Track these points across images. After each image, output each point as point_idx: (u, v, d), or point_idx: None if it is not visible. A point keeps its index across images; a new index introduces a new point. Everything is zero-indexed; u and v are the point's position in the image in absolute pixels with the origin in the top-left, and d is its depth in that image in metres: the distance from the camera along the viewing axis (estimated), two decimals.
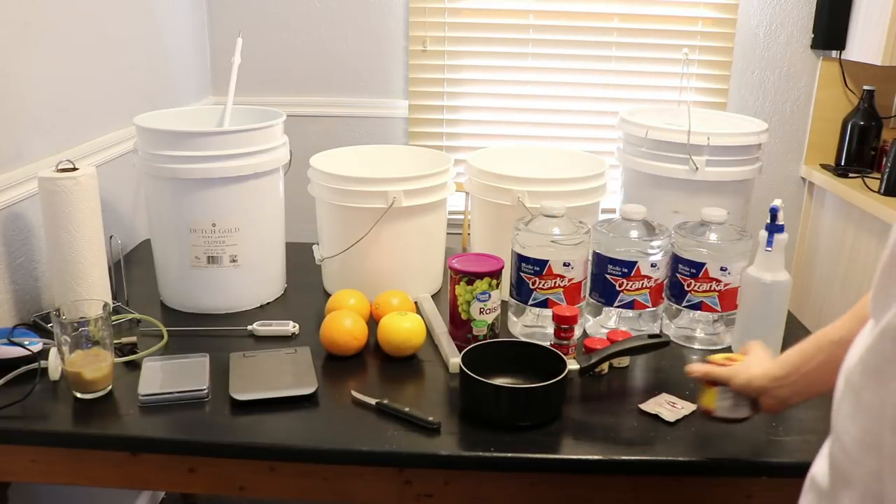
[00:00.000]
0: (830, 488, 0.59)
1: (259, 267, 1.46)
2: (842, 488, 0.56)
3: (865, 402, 0.53)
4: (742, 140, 1.61)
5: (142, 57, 1.89)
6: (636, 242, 1.30)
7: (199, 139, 1.35)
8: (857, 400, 0.54)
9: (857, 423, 0.54)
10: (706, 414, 1.03)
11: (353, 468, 1.07)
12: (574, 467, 1.04)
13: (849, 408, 0.55)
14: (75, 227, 1.29)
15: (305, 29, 2.35)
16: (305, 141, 2.24)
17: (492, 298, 1.27)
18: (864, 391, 0.53)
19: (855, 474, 0.54)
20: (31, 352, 1.17)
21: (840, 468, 0.57)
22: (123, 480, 1.11)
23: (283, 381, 1.16)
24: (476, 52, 2.35)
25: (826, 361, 0.88)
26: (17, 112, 1.38)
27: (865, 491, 0.53)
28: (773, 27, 2.32)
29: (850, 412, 0.55)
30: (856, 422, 0.54)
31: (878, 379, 0.51)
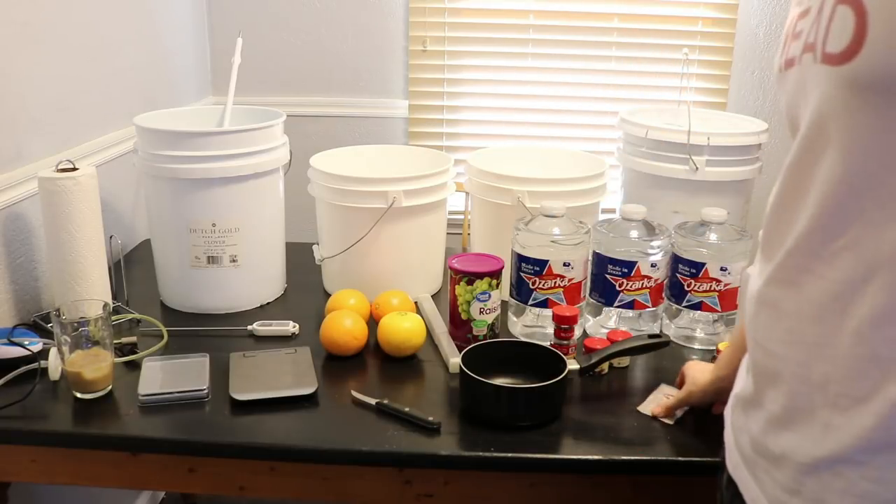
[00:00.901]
0: (755, 393, 0.71)
1: (259, 267, 1.46)
2: (768, 388, 0.68)
3: (784, 309, 0.65)
4: (742, 140, 1.61)
5: (142, 57, 1.89)
6: (636, 242, 1.30)
7: (199, 139, 1.35)
8: (775, 310, 0.66)
9: (779, 326, 0.66)
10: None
11: (353, 468, 1.07)
12: (574, 467, 1.04)
13: (767, 319, 0.68)
14: (75, 227, 1.29)
15: (305, 29, 2.35)
16: (305, 141, 2.23)
17: (492, 298, 1.27)
18: (781, 301, 0.66)
19: (782, 370, 0.65)
20: (31, 352, 1.17)
21: (766, 372, 0.68)
22: (123, 480, 1.11)
23: (283, 381, 1.16)
24: (476, 52, 2.35)
25: None
26: (17, 112, 1.38)
27: (793, 379, 0.64)
28: (773, 27, 2.32)
29: (770, 321, 0.67)
30: (778, 326, 0.66)
31: (793, 287, 0.64)
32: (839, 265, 0.60)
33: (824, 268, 0.61)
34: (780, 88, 0.70)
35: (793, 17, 0.67)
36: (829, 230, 0.61)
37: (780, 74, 0.69)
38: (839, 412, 0.60)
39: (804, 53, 0.63)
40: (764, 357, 0.69)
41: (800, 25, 0.65)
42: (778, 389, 0.66)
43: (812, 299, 0.62)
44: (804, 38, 0.63)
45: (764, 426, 0.68)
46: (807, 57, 0.62)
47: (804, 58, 0.63)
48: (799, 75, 0.64)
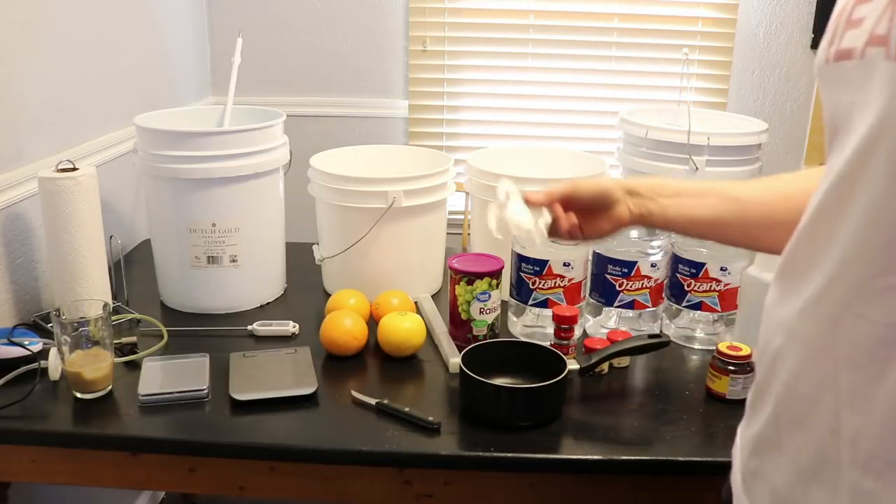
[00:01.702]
0: (776, 436, 0.61)
1: (259, 267, 1.46)
2: (794, 433, 0.59)
3: (817, 348, 0.56)
4: (742, 140, 1.61)
5: (142, 57, 1.89)
6: (636, 242, 1.30)
7: (199, 139, 1.35)
8: (806, 347, 0.58)
9: (810, 366, 0.57)
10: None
11: (353, 468, 1.07)
12: (574, 467, 1.04)
13: (796, 355, 0.59)
14: (75, 227, 1.29)
15: (305, 29, 2.35)
16: (305, 141, 2.23)
17: (492, 298, 1.27)
18: (814, 339, 0.57)
19: (811, 415, 0.57)
20: (31, 352, 1.17)
21: (791, 414, 0.59)
22: (123, 480, 1.11)
23: (283, 381, 1.16)
24: (476, 52, 2.35)
25: (714, 206, 0.92)
26: (17, 112, 1.38)
27: (822, 428, 0.56)
28: (773, 27, 2.32)
29: (799, 359, 0.59)
30: (809, 366, 0.57)
31: (830, 327, 0.55)
32: (888, 305, 0.51)
33: (869, 307, 0.52)
34: (825, 83, 0.60)
35: (849, 2, 0.57)
36: (879, 262, 0.51)
37: (827, 67, 0.58)
38: (872, 476, 0.52)
39: (868, 46, 0.53)
40: (790, 398, 0.60)
41: (860, 11, 0.55)
42: (805, 436, 0.58)
43: (851, 342, 0.53)
44: (868, 28, 0.53)
45: (791, 478, 0.59)
46: (874, 51, 0.53)
47: (869, 52, 0.53)
48: (859, 72, 0.54)
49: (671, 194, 0.96)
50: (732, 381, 1.13)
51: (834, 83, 0.58)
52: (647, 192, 0.97)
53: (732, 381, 1.13)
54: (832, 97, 0.59)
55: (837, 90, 0.58)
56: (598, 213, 1.01)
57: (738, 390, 1.13)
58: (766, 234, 0.88)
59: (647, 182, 0.99)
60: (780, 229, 0.83)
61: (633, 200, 0.98)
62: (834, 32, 0.58)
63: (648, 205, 0.97)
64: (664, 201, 0.96)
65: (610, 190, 0.99)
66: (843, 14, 0.57)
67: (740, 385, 1.13)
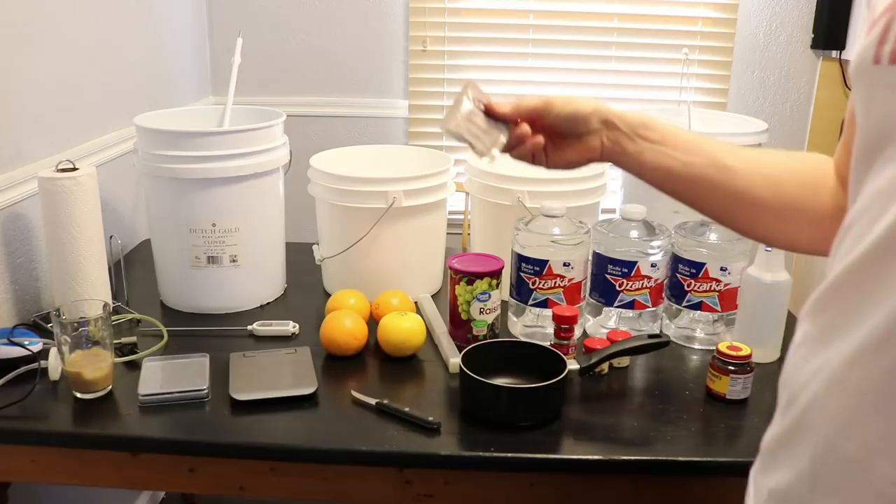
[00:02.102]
0: (810, 497, 0.53)
1: (259, 267, 1.46)
2: (831, 497, 0.51)
3: (872, 405, 0.48)
4: (742, 140, 1.61)
5: (142, 57, 1.89)
6: (636, 242, 1.30)
7: (199, 139, 1.35)
8: (857, 403, 0.49)
9: (862, 426, 0.49)
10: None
11: (353, 468, 1.07)
12: (574, 467, 1.04)
13: (844, 412, 0.50)
14: (75, 227, 1.29)
15: (305, 29, 2.35)
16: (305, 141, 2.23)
17: (492, 298, 1.27)
18: (869, 394, 0.48)
19: (859, 480, 0.49)
20: (31, 352, 1.17)
21: (832, 476, 0.51)
22: (123, 480, 1.11)
23: (283, 381, 1.16)
24: (476, 52, 2.35)
25: (698, 167, 0.83)
26: (17, 112, 1.38)
27: (874, 495, 0.48)
28: (773, 27, 2.32)
29: (849, 415, 0.49)
30: (860, 425, 0.49)
31: (893, 381, 0.47)
32: None
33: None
34: (874, 86, 0.52)
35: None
36: None
37: (878, 68, 0.51)
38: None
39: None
40: (831, 457, 0.51)
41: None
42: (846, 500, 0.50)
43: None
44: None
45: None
46: None
47: None
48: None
49: (654, 139, 0.86)
50: (732, 381, 1.13)
51: (887, 87, 0.51)
52: (626, 128, 0.87)
53: (732, 381, 1.13)
54: (886, 102, 0.51)
55: (891, 94, 0.51)
56: (568, 139, 0.91)
57: (738, 390, 1.13)
58: (745, 212, 0.82)
59: (630, 116, 0.88)
60: (761, 211, 0.80)
61: (609, 133, 0.88)
62: (884, 29, 0.50)
63: (624, 143, 0.87)
64: (643, 144, 0.86)
65: (585, 116, 0.88)
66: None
67: (740, 385, 1.13)
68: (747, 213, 0.81)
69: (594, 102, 0.89)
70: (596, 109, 0.89)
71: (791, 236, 0.82)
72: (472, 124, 0.92)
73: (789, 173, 0.81)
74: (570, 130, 0.90)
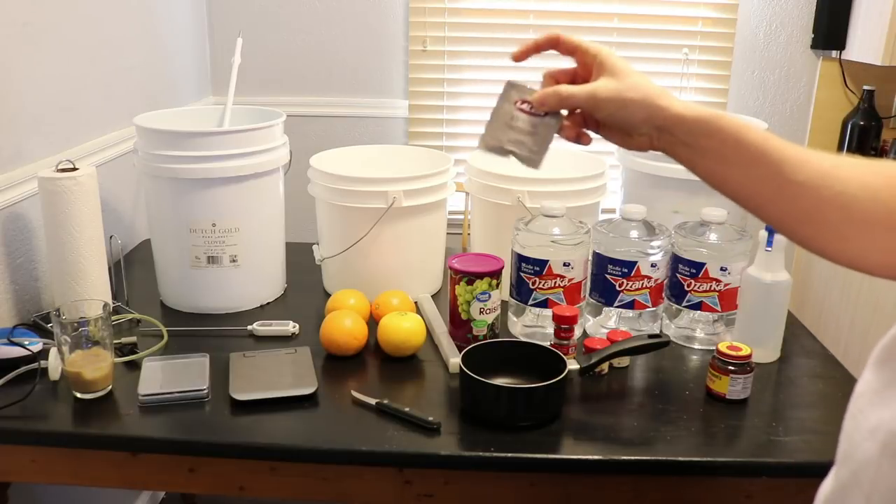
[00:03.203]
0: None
1: (259, 267, 1.46)
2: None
3: None
4: None
5: (142, 57, 1.89)
6: (636, 242, 1.30)
7: (199, 139, 1.35)
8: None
9: None
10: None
11: (353, 468, 1.07)
12: (574, 467, 1.04)
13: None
14: (75, 227, 1.29)
15: (305, 29, 2.35)
16: (305, 141, 2.24)
17: (492, 298, 1.27)
18: None
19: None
20: (31, 352, 1.17)
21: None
22: (123, 480, 1.11)
23: (283, 381, 1.16)
24: (476, 52, 2.35)
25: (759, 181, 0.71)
26: (17, 112, 1.38)
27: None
28: (773, 27, 2.32)
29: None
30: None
31: None
32: None
33: None
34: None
35: None
36: None
37: None
38: None
39: None
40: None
41: None
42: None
43: None
44: None
45: None
46: None
47: None
48: None
49: (713, 147, 0.74)
50: (732, 381, 1.13)
51: None
52: (684, 135, 0.76)
53: (732, 381, 1.13)
54: None
55: None
56: (616, 132, 0.84)
57: (738, 390, 1.13)
58: (811, 230, 0.69)
59: (691, 120, 0.76)
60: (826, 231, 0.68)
61: (662, 137, 0.79)
62: None
63: (678, 149, 0.78)
64: (698, 152, 0.76)
65: (635, 125, 0.79)
66: None
67: (740, 385, 1.13)
68: (808, 230, 0.71)
69: (648, 105, 0.76)
70: (649, 117, 0.77)
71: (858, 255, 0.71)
72: (513, 130, 0.85)
73: (863, 191, 0.67)
74: (618, 129, 0.82)
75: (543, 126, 0.86)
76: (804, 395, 1.19)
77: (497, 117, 0.87)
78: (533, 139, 0.86)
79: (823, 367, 1.26)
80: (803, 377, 1.24)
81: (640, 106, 0.76)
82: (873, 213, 0.65)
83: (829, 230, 0.67)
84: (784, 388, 1.21)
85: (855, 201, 0.66)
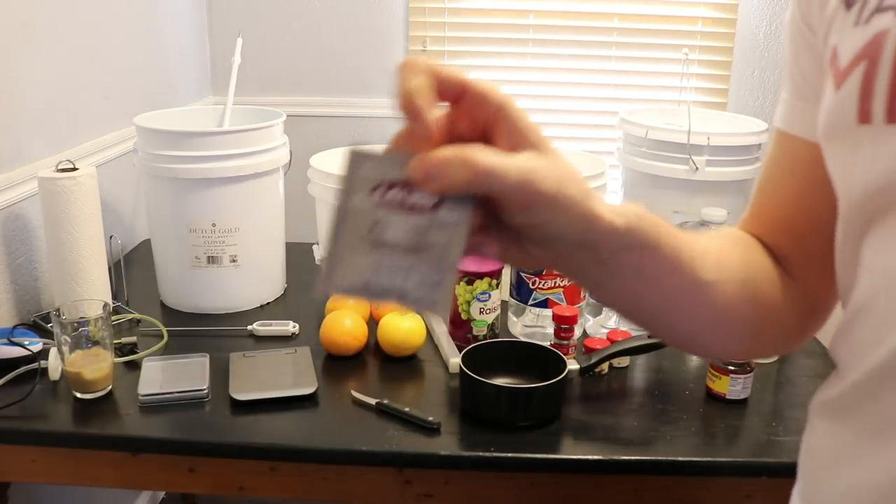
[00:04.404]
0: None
1: (259, 267, 1.46)
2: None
3: None
4: (742, 140, 1.61)
5: (142, 57, 1.89)
6: None
7: (199, 139, 1.35)
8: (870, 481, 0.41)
9: None
10: None
11: (353, 468, 1.07)
12: (574, 467, 1.04)
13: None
14: (75, 227, 1.29)
15: (305, 29, 2.35)
16: (305, 141, 2.23)
17: (492, 298, 1.27)
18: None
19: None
20: (31, 352, 1.17)
21: None
22: (123, 480, 1.11)
23: (283, 381, 1.16)
24: (476, 52, 2.35)
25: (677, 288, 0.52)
26: (17, 112, 1.38)
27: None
28: (773, 27, 2.32)
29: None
30: None
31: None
32: None
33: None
34: (857, 149, 0.44)
35: (890, 32, 0.41)
36: None
37: (867, 129, 0.43)
38: None
39: None
40: None
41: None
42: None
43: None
44: None
45: None
46: None
47: None
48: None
49: (628, 273, 0.50)
50: (732, 381, 1.13)
51: (889, 147, 0.41)
52: (606, 253, 0.48)
53: (732, 381, 1.13)
54: (883, 164, 0.42)
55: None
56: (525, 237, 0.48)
57: (738, 390, 1.13)
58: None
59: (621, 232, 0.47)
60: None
61: (577, 255, 0.48)
62: (868, 78, 0.42)
63: (590, 270, 0.50)
64: (607, 280, 0.51)
65: (559, 239, 0.46)
66: (881, 50, 0.42)
67: (740, 385, 1.13)
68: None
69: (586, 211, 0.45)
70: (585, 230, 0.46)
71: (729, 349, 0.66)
72: (383, 249, 0.45)
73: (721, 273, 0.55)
74: (531, 238, 0.47)
75: (439, 235, 0.43)
76: (804, 395, 1.19)
77: (345, 232, 0.47)
78: (426, 265, 0.43)
79: (823, 367, 1.26)
80: (803, 377, 1.24)
81: (579, 210, 0.45)
82: None
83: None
84: (784, 388, 1.21)
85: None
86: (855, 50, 0.43)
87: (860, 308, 0.45)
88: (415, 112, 0.42)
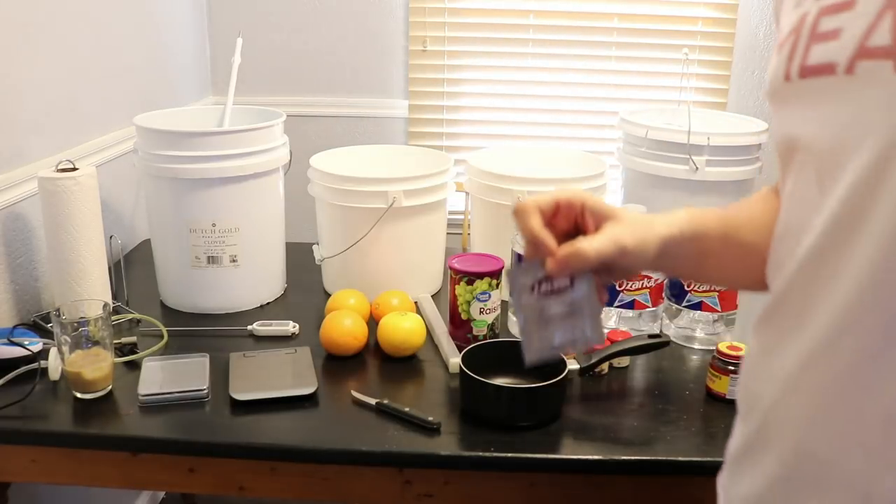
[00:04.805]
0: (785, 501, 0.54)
1: (259, 267, 1.46)
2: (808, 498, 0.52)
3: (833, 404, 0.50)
4: (742, 140, 1.61)
5: (142, 57, 1.89)
6: None
7: (199, 139, 1.35)
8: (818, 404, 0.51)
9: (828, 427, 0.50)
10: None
11: (353, 468, 1.07)
12: (574, 467, 1.04)
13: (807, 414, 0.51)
14: (75, 227, 1.29)
15: (305, 29, 2.35)
16: (305, 141, 2.24)
17: (492, 298, 1.27)
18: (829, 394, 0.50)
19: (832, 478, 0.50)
20: (31, 352, 1.17)
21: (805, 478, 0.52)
22: (123, 480, 1.11)
23: (283, 381, 1.16)
24: (476, 52, 2.35)
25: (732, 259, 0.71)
26: (17, 112, 1.38)
27: (850, 490, 0.49)
28: (773, 27, 2.32)
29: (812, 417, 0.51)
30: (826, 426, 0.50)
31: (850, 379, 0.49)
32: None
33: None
34: (785, 101, 0.55)
35: (808, 13, 0.52)
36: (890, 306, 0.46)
37: (789, 84, 0.54)
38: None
39: (862, 60, 0.47)
40: (803, 459, 0.52)
41: (831, 23, 0.50)
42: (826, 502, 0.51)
43: (884, 394, 0.47)
44: (852, 40, 0.48)
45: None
46: (872, 65, 0.46)
47: (865, 66, 0.47)
48: (847, 88, 0.48)
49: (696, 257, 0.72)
50: (732, 381, 1.13)
51: (802, 101, 0.53)
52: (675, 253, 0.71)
53: (732, 381, 1.13)
54: (796, 116, 0.53)
55: (806, 108, 0.52)
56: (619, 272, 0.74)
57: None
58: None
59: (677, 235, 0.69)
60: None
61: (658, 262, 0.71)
62: (794, 47, 0.53)
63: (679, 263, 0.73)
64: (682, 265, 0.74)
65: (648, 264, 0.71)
66: (802, 27, 0.52)
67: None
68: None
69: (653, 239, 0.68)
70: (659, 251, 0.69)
71: None
72: (552, 323, 0.72)
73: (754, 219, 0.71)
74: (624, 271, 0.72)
75: (581, 299, 0.69)
76: None
77: (527, 322, 0.71)
78: (581, 319, 0.70)
79: None
80: None
81: (652, 244, 0.67)
82: None
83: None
84: None
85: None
86: (790, 26, 0.55)
87: (779, 236, 0.58)
88: (541, 246, 0.67)
